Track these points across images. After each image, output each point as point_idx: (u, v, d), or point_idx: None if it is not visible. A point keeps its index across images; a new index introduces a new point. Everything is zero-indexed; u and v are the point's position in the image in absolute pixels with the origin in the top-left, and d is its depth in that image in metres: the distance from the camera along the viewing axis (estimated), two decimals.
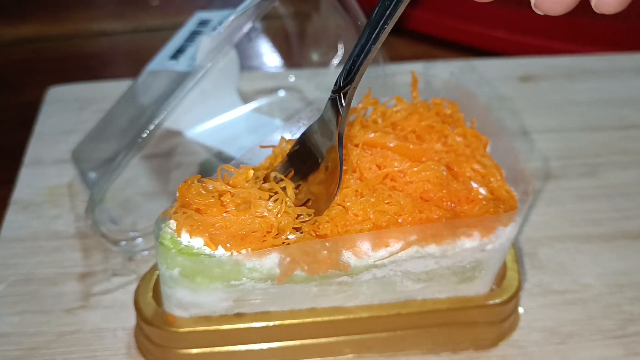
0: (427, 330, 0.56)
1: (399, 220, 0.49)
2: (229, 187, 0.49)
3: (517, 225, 0.52)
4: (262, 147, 0.54)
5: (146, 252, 0.63)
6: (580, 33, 0.96)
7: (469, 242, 0.51)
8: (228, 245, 0.48)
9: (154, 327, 0.53)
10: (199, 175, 0.50)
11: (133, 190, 0.70)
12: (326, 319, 0.54)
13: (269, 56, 0.89)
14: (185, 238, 0.48)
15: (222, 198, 0.49)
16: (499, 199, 0.52)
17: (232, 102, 0.79)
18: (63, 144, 0.77)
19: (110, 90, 0.81)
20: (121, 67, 1.02)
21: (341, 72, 0.47)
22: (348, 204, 0.49)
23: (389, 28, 0.44)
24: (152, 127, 0.60)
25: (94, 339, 0.58)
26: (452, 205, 0.51)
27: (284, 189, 0.49)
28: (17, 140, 0.80)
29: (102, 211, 0.63)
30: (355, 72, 0.46)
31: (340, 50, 0.77)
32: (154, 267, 0.57)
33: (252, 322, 0.53)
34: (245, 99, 0.80)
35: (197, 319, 0.53)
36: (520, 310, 0.59)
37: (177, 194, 0.49)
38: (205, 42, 0.62)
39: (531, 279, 0.62)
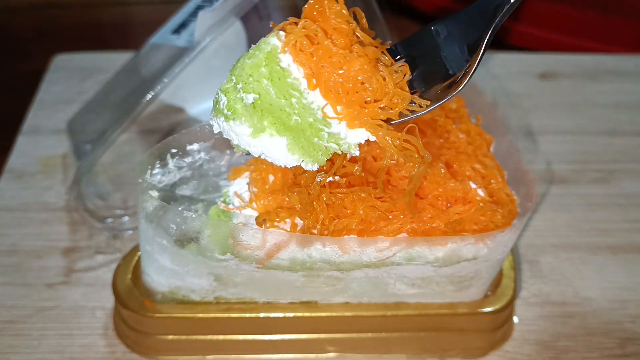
0: (415, 334, 0.53)
1: (390, 217, 0.47)
2: (358, 32, 0.41)
3: (517, 232, 0.49)
4: None
5: (131, 232, 0.61)
6: (609, 32, 0.92)
7: (463, 248, 0.48)
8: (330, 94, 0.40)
9: (130, 310, 0.52)
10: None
11: (127, 165, 0.68)
12: (308, 314, 0.51)
13: None
14: (287, 59, 0.39)
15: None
16: (498, 203, 0.49)
17: None
18: (62, 113, 0.75)
19: (116, 61, 0.79)
20: (134, 38, 1.00)
21: None
22: (339, 195, 0.46)
23: None
24: (143, 102, 0.57)
25: (72, 316, 0.56)
26: (448, 205, 0.49)
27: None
28: (21, 107, 0.79)
29: (90, 186, 0.61)
30: None
31: None
32: (136, 248, 0.55)
33: (230, 312, 0.51)
34: None
35: (174, 305, 0.51)
36: (515, 319, 0.56)
37: (306, 6, 0.40)
38: (203, 18, 0.60)
39: (530, 288, 0.59)
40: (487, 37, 0.42)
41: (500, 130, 0.54)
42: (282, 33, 0.40)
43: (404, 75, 0.41)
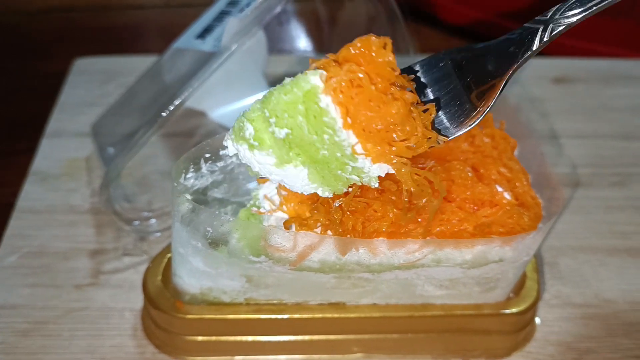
0: (439, 335, 0.54)
1: (419, 220, 0.48)
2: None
3: (543, 235, 0.50)
4: None
5: (159, 234, 0.62)
6: (622, 36, 0.93)
7: (491, 250, 0.49)
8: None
9: (160, 311, 0.53)
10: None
11: (151, 168, 0.69)
12: (336, 315, 0.52)
13: (298, 40, 0.87)
14: (326, 100, 0.39)
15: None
16: (524, 205, 0.50)
17: (257, 85, 0.77)
18: (85, 116, 0.76)
19: (137, 64, 0.81)
20: (151, 41, 1.02)
21: (561, 5, 0.41)
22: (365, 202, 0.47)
23: None
24: (172, 107, 0.58)
25: (101, 317, 0.57)
26: (475, 208, 0.50)
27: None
28: (43, 109, 0.80)
29: (117, 188, 0.62)
30: (584, 7, 0.40)
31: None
32: (166, 250, 0.56)
33: (260, 313, 0.52)
34: (272, 82, 0.79)
35: (205, 306, 0.52)
36: (537, 321, 0.57)
37: (351, 47, 0.40)
38: (231, 24, 0.61)
39: (550, 290, 0.60)
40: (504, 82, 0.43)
41: (524, 134, 0.55)
42: (323, 72, 0.40)
43: (431, 115, 0.42)
